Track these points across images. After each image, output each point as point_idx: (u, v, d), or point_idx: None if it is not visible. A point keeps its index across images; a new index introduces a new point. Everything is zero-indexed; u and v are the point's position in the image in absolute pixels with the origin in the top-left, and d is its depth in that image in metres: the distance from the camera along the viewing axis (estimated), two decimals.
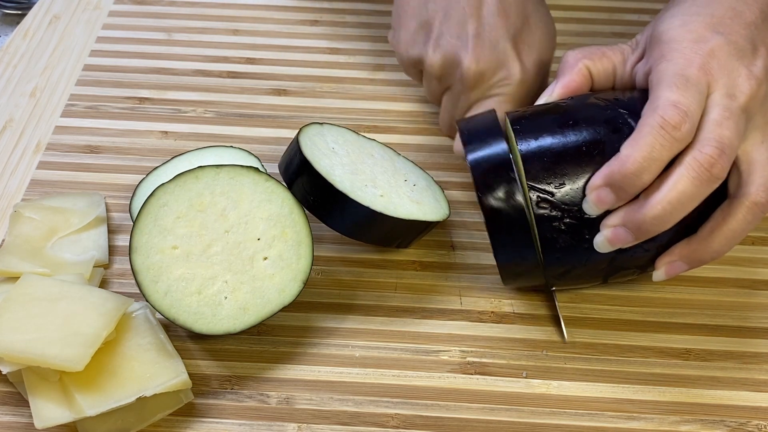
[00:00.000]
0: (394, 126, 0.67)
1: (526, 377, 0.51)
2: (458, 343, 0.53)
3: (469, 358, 0.52)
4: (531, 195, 0.49)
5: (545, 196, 0.48)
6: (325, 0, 0.79)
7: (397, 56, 0.63)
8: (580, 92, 0.53)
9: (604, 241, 0.48)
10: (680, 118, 0.46)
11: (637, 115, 0.48)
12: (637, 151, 0.46)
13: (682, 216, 0.47)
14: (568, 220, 0.48)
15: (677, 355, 0.52)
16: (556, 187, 0.48)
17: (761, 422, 0.49)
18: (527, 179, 0.49)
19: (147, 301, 0.48)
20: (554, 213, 0.48)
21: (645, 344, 0.53)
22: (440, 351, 0.52)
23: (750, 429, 0.49)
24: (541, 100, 0.54)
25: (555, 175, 0.49)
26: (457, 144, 0.60)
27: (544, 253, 0.49)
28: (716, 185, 0.47)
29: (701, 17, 0.50)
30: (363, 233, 0.54)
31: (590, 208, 0.48)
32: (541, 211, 0.49)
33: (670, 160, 0.46)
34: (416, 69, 0.62)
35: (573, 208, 0.48)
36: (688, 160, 0.46)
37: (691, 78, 0.47)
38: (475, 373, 0.51)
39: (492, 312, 0.54)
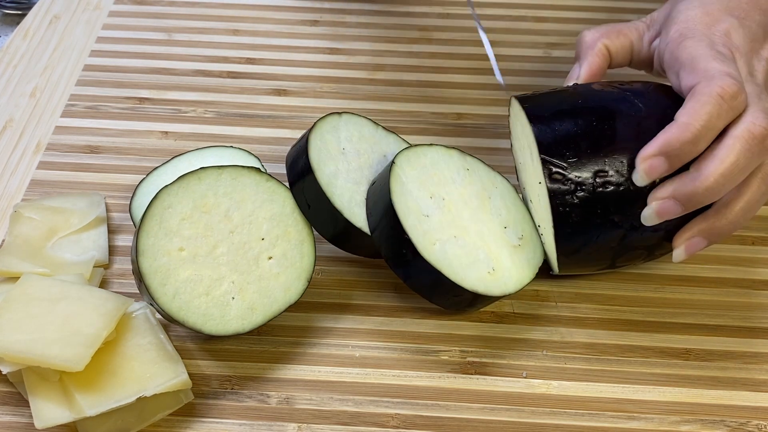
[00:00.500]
0: (394, 126, 0.66)
1: (526, 377, 0.51)
2: (458, 343, 0.53)
3: (469, 358, 0.52)
4: (544, 169, 0.49)
5: (558, 169, 0.49)
6: (325, 0, 0.79)
7: None
8: (603, 72, 0.54)
9: (652, 214, 0.48)
10: (738, 88, 0.46)
11: (641, 96, 0.50)
12: (696, 120, 0.46)
13: (732, 187, 0.47)
14: (581, 194, 0.49)
15: (677, 355, 0.52)
16: (568, 160, 0.49)
17: (761, 422, 0.49)
18: (540, 152, 0.49)
19: (156, 304, 0.48)
20: (567, 186, 0.49)
21: (645, 344, 0.53)
22: (440, 351, 0.52)
23: (750, 429, 0.49)
24: (569, 83, 0.55)
25: (568, 148, 0.49)
26: None
27: (557, 228, 0.50)
28: (766, 157, 0.47)
29: (720, 1, 0.51)
30: (353, 249, 0.55)
31: (640, 178, 0.48)
32: (555, 185, 0.49)
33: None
34: None
35: (587, 180, 0.49)
36: (741, 133, 0.46)
37: (725, 54, 0.48)
38: (475, 373, 0.51)
39: (492, 312, 0.54)
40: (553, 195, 0.49)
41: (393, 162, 0.52)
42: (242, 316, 0.49)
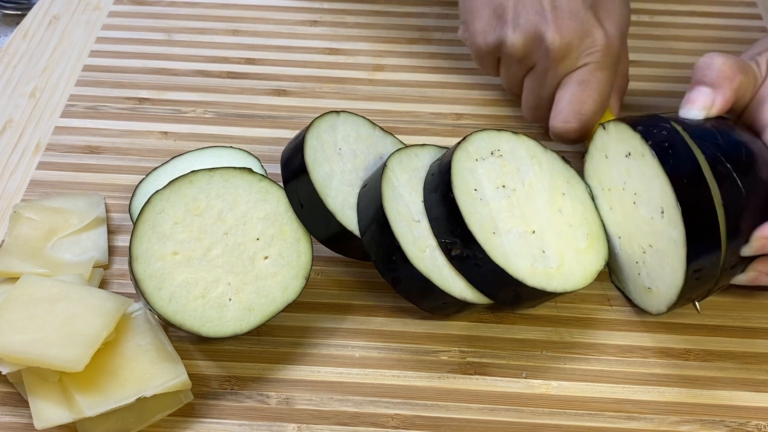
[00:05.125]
0: (394, 126, 0.66)
1: (525, 377, 0.51)
2: (458, 343, 0.53)
3: (469, 358, 0.52)
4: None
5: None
6: (325, 0, 0.79)
7: (474, 50, 0.63)
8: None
9: (746, 280, 0.51)
10: None
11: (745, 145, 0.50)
12: None
13: None
14: (712, 257, 0.49)
15: (677, 355, 0.52)
16: (457, 236, 0.49)
17: (761, 422, 0.49)
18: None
19: (152, 309, 0.48)
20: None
21: (645, 344, 0.53)
22: (440, 351, 0.52)
23: (750, 429, 0.49)
24: (700, 113, 0.52)
25: (453, 229, 0.49)
26: (555, 121, 0.58)
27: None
28: None
29: None
30: (345, 251, 0.54)
31: (750, 250, 0.49)
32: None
33: None
34: (494, 57, 0.62)
35: (718, 252, 0.49)
36: None
37: None
38: (475, 373, 0.51)
39: (492, 312, 0.54)
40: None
41: (385, 165, 0.51)
42: (240, 317, 0.49)
